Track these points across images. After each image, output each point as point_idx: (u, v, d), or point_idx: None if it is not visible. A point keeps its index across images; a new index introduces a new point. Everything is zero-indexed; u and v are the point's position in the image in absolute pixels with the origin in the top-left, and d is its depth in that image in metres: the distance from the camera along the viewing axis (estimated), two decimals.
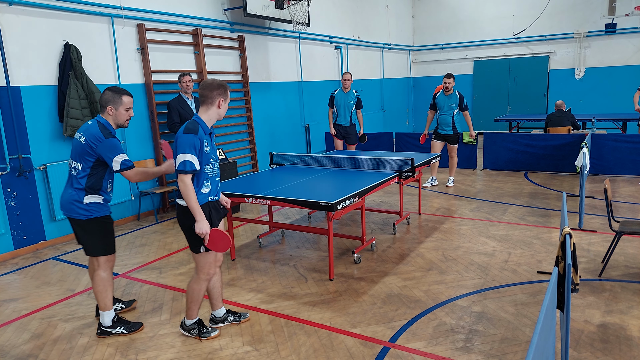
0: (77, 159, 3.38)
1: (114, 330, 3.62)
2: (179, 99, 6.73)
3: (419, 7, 15.66)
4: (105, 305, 3.60)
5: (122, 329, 3.63)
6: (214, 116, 3.24)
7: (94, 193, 3.43)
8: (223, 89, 3.22)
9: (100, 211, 3.48)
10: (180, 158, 3.06)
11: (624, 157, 8.37)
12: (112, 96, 3.39)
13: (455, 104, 7.76)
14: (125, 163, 3.36)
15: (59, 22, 5.90)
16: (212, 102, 3.20)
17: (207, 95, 3.18)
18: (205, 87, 3.18)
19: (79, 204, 3.40)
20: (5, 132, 5.41)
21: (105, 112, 3.41)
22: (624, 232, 4.26)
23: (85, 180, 3.38)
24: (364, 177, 5.15)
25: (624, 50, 12.89)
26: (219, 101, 3.22)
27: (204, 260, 3.33)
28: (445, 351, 3.24)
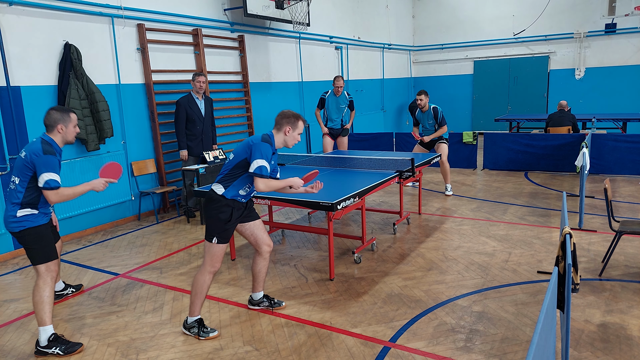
0: (16, 173, 3.35)
1: (50, 351, 3.37)
2: (188, 98, 6.74)
3: (419, 7, 15.66)
4: (42, 319, 3.38)
5: (59, 350, 3.38)
6: (280, 141, 3.55)
7: (30, 208, 3.37)
8: (294, 118, 3.53)
9: (34, 221, 3.40)
10: (259, 163, 3.33)
11: (624, 157, 8.37)
12: (61, 115, 3.44)
13: (432, 119, 7.44)
14: (49, 183, 3.26)
15: (59, 22, 5.91)
16: (280, 128, 3.52)
17: (278, 122, 3.53)
18: (279, 114, 3.56)
19: (12, 217, 3.35)
20: (5, 132, 5.41)
21: (54, 130, 3.43)
22: (624, 231, 4.26)
23: (22, 195, 3.33)
24: (364, 177, 5.15)
25: (624, 50, 12.89)
26: (285, 129, 3.52)
27: (213, 251, 3.46)
28: (446, 351, 3.24)
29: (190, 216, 6.85)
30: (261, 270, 3.83)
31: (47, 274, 3.43)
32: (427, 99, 7.38)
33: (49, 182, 3.27)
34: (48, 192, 3.28)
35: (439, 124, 7.42)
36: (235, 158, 3.45)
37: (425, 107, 7.44)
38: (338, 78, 7.91)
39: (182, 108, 6.67)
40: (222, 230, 3.45)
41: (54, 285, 3.51)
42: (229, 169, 3.45)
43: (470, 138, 9.53)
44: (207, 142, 7.02)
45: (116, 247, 5.77)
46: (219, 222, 3.44)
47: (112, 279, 4.79)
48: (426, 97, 7.37)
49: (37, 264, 3.42)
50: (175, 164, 7.49)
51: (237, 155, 3.44)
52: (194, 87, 6.73)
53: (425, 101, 7.37)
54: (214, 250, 3.46)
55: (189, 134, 6.81)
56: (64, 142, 3.52)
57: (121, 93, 6.67)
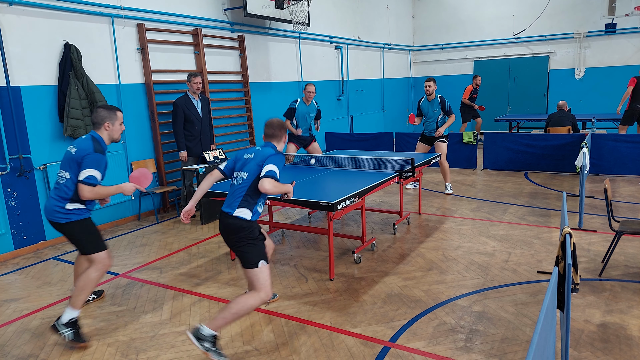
0: (66, 168, 3.48)
1: (64, 330, 3.46)
2: (185, 99, 6.73)
3: (419, 7, 15.66)
4: (77, 302, 3.52)
5: (69, 333, 3.46)
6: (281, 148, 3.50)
7: (79, 203, 3.51)
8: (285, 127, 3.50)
9: (80, 214, 3.54)
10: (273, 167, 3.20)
11: (624, 157, 8.37)
12: (108, 113, 3.57)
13: (438, 109, 7.35)
14: (89, 179, 3.37)
15: (59, 22, 5.91)
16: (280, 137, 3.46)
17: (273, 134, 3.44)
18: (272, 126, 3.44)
19: (60, 209, 3.47)
20: (5, 132, 5.41)
21: (101, 128, 3.56)
22: (624, 231, 4.26)
23: (72, 190, 3.46)
24: (364, 177, 5.15)
25: (623, 51, 12.89)
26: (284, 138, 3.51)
27: (265, 275, 3.20)
28: (446, 351, 3.24)
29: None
30: None
31: (99, 263, 3.58)
32: (435, 86, 7.28)
33: (89, 178, 3.39)
34: (84, 186, 3.38)
35: (447, 113, 7.32)
36: (250, 176, 3.23)
37: (432, 95, 7.34)
38: (311, 85, 7.53)
39: (179, 109, 6.67)
40: (263, 251, 3.27)
41: (103, 276, 3.65)
42: (247, 189, 3.22)
43: (470, 138, 9.53)
44: (205, 142, 7.03)
45: (116, 247, 5.77)
46: (258, 245, 3.23)
47: (112, 279, 4.79)
48: (435, 84, 7.28)
49: (88, 254, 3.58)
50: (175, 164, 7.49)
51: (251, 173, 3.23)
52: (190, 87, 6.72)
53: (434, 88, 7.28)
54: (265, 274, 3.20)
55: (187, 135, 6.80)
56: (110, 140, 3.65)
57: (121, 93, 6.67)
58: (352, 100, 12.62)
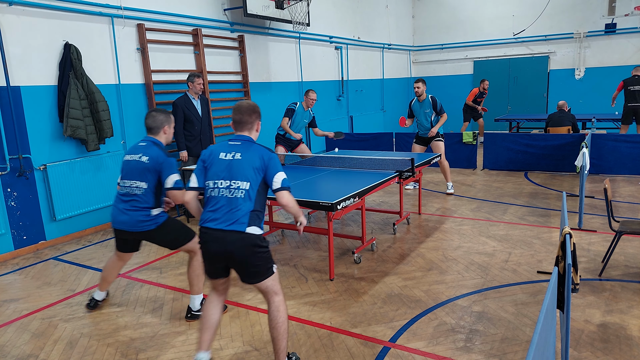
0: (141, 178, 3.52)
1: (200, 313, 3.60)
2: (185, 99, 6.72)
3: (419, 7, 15.66)
4: (198, 289, 3.77)
5: None
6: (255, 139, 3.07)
7: (159, 208, 3.63)
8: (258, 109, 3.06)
9: (164, 216, 3.68)
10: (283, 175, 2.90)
11: (624, 157, 8.37)
12: (165, 117, 3.65)
13: (430, 109, 7.27)
14: (178, 183, 3.52)
15: (59, 22, 5.91)
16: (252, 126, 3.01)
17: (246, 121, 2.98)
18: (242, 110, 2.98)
19: (147, 217, 3.55)
20: (5, 132, 5.41)
21: (159, 132, 3.65)
22: (624, 231, 4.26)
23: (152, 197, 3.55)
24: (364, 177, 5.15)
25: (623, 51, 12.89)
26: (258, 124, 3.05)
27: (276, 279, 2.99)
28: (446, 351, 3.24)
29: (190, 216, 6.85)
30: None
31: (196, 252, 3.64)
32: (424, 87, 7.22)
33: (177, 183, 3.52)
34: (176, 192, 3.51)
35: (438, 112, 7.26)
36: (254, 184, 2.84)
37: (423, 95, 7.27)
38: (312, 92, 7.24)
39: (179, 109, 6.66)
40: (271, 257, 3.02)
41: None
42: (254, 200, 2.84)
43: (470, 138, 9.53)
44: (205, 142, 7.02)
45: None
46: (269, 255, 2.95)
47: None
48: (424, 85, 7.20)
49: (183, 248, 3.69)
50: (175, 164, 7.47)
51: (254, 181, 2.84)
52: (192, 88, 6.71)
53: (423, 89, 7.21)
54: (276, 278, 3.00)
55: (187, 135, 6.80)
56: (167, 144, 3.74)
57: (121, 93, 6.67)
58: (352, 100, 12.62)
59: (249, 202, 2.82)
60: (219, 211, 2.81)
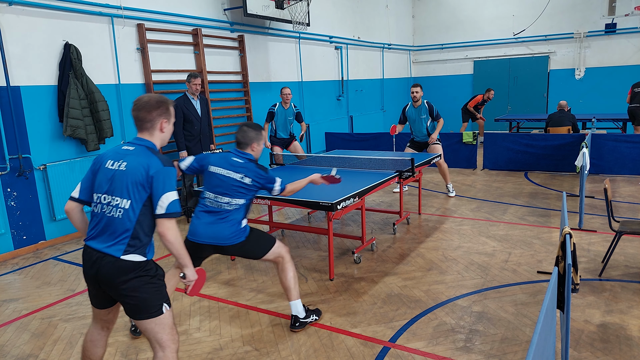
0: (234, 194, 3.43)
1: (309, 319, 3.66)
2: (184, 99, 6.72)
3: (419, 7, 15.66)
4: (296, 294, 3.64)
5: (315, 316, 3.71)
6: (158, 143, 2.60)
7: (246, 218, 3.59)
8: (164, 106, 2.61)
9: (248, 226, 3.60)
10: (172, 197, 2.36)
11: (624, 157, 8.37)
12: (256, 134, 3.58)
13: (426, 114, 7.15)
14: (283, 184, 3.60)
15: (59, 22, 5.91)
16: (152, 125, 2.57)
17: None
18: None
19: (238, 229, 3.48)
20: (5, 132, 5.41)
21: (247, 148, 3.55)
22: (624, 231, 4.26)
23: (244, 210, 3.51)
24: (364, 177, 5.15)
25: (624, 50, 12.89)
26: (160, 123, 2.56)
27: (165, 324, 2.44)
28: (446, 351, 3.24)
29: (190, 216, 6.84)
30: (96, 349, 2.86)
31: (281, 256, 3.62)
32: (422, 92, 7.17)
33: (283, 183, 3.60)
34: (284, 192, 3.63)
35: (435, 118, 7.17)
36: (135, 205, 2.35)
37: (419, 101, 7.19)
38: (286, 88, 7.65)
39: (178, 109, 6.66)
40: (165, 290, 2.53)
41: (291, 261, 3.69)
42: (135, 223, 2.36)
43: (470, 138, 9.53)
44: (205, 142, 7.02)
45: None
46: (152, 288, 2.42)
47: None
48: (421, 90, 7.16)
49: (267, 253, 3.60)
50: None
51: (135, 198, 2.35)
52: (189, 88, 6.71)
53: (421, 94, 7.16)
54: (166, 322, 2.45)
55: (187, 135, 6.80)
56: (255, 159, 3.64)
57: (121, 93, 6.67)
58: (352, 100, 12.62)
59: (129, 223, 2.34)
60: (98, 230, 2.39)
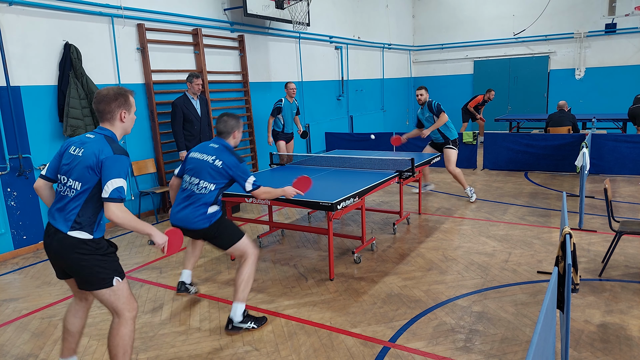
0: (209, 179, 3.58)
1: (245, 325, 3.62)
2: (184, 99, 6.72)
3: (419, 7, 15.66)
4: (244, 296, 3.62)
5: (253, 324, 3.64)
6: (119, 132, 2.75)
7: (216, 205, 3.67)
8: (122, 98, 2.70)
9: (218, 214, 3.67)
10: (117, 183, 2.54)
11: (624, 157, 8.37)
12: (236, 122, 3.74)
13: (430, 114, 7.03)
14: (256, 183, 3.63)
15: (59, 22, 5.90)
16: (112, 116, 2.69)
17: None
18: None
19: (203, 215, 3.57)
20: (5, 132, 5.41)
21: (229, 137, 3.71)
22: (624, 232, 4.26)
23: (214, 196, 3.60)
24: (364, 177, 5.15)
25: (624, 50, 12.89)
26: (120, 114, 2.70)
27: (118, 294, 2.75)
28: (446, 351, 3.24)
29: None
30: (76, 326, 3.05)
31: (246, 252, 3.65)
32: (427, 94, 7.07)
33: (255, 183, 3.62)
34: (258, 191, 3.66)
35: (436, 113, 6.93)
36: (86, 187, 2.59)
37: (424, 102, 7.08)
38: (291, 83, 7.99)
39: (178, 109, 6.66)
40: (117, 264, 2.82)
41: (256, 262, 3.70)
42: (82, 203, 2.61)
43: (470, 138, 9.53)
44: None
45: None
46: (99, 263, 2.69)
47: None
48: (426, 92, 7.07)
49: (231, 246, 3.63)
50: (175, 164, 7.48)
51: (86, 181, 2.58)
52: (190, 88, 6.71)
53: (426, 96, 7.04)
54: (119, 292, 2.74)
55: (187, 134, 6.80)
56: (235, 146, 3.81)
57: None
58: (352, 100, 12.62)
59: (77, 203, 2.59)
60: (55, 207, 2.66)
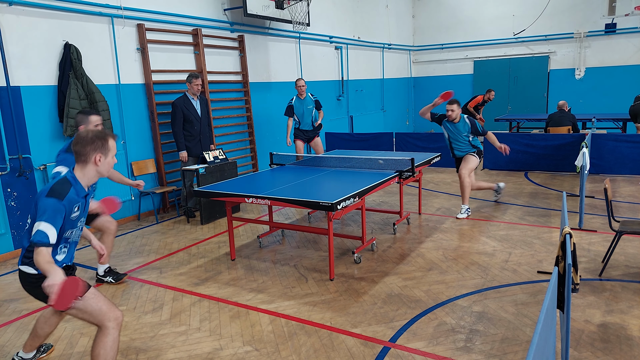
0: None
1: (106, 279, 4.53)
2: (184, 99, 6.72)
3: (419, 7, 15.66)
4: None
5: (111, 279, 4.56)
6: (92, 175, 2.70)
7: None
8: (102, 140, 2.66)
9: None
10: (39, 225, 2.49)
11: (624, 157, 8.37)
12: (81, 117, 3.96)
13: (467, 131, 6.46)
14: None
15: (59, 22, 5.90)
16: (86, 159, 2.65)
17: (79, 152, 2.65)
18: (77, 142, 2.64)
19: None
20: (5, 132, 5.41)
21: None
22: (624, 231, 4.26)
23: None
24: (364, 177, 5.15)
25: (624, 50, 12.89)
26: (95, 157, 2.66)
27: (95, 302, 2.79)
28: (446, 351, 3.24)
29: (190, 216, 6.85)
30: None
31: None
32: (459, 110, 6.43)
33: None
34: None
35: (481, 134, 6.55)
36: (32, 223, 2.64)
37: (458, 118, 6.46)
38: (300, 80, 7.99)
39: (178, 109, 6.66)
40: None
41: None
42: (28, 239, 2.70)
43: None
44: (205, 142, 7.03)
45: (116, 247, 5.77)
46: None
47: None
48: (459, 107, 6.42)
49: None
50: (174, 164, 7.48)
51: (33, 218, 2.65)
52: (190, 89, 6.72)
53: (458, 112, 6.42)
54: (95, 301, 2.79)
55: (187, 135, 6.80)
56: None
57: (121, 93, 6.67)
58: (352, 100, 12.62)
59: (26, 239, 2.69)
60: None
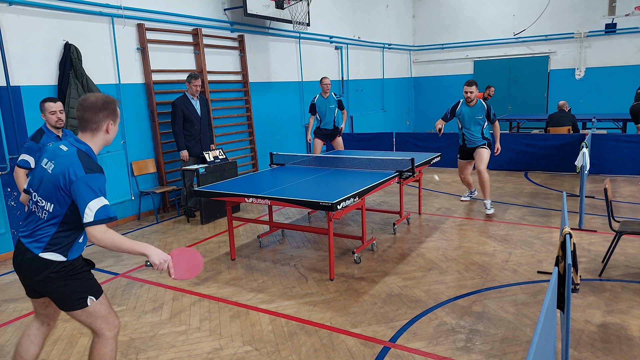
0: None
1: None
2: (184, 99, 6.73)
3: (419, 7, 15.65)
4: None
5: None
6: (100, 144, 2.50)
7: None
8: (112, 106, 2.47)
9: None
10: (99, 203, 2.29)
11: (624, 157, 8.37)
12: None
13: (483, 115, 6.31)
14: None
15: (59, 22, 5.90)
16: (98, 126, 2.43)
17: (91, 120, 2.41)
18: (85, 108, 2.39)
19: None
20: (5, 132, 5.41)
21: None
22: (624, 232, 4.26)
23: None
24: (364, 177, 5.15)
25: (624, 50, 12.88)
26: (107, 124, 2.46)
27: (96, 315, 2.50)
28: (446, 351, 3.24)
29: (190, 216, 6.85)
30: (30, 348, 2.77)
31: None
32: (477, 92, 6.23)
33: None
34: None
35: (492, 120, 6.37)
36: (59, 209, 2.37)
37: (474, 101, 6.32)
38: (325, 78, 8.02)
39: (178, 109, 6.67)
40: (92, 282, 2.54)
41: None
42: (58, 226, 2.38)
43: None
44: (205, 142, 7.03)
45: None
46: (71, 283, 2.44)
47: (111, 279, 4.78)
48: (477, 89, 6.23)
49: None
50: (175, 164, 7.48)
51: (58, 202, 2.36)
52: (189, 89, 6.72)
53: (476, 94, 6.26)
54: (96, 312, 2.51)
55: (187, 135, 6.80)
56: None
57: (121, 93, 6.67)
58: (352, 100, 12.62)
59: (52, 227, 2.36)
60: (26, 224, 2.45)
